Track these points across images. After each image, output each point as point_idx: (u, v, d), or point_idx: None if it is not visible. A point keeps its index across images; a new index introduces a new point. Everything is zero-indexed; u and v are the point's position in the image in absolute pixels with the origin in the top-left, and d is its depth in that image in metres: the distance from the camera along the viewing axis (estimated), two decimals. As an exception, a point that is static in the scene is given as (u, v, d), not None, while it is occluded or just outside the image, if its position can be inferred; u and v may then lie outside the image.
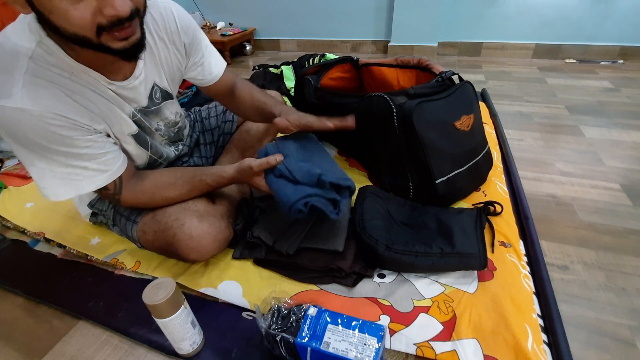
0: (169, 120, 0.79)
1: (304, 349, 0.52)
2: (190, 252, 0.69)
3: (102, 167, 0.61)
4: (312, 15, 2.59)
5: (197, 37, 0.75)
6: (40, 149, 0.55)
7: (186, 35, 0.72)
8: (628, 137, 1.26)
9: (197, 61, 0.77)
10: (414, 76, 1.13)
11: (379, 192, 0.89)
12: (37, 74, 0.52)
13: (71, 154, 0.57)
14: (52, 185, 0.59)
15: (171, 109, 0.78)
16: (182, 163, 0.91)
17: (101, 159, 0.61)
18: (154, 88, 0.71)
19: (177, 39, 0.71)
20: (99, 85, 0.60)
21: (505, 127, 1.32)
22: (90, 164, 0.60)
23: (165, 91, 0.74)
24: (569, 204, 0.94)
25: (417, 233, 0.76)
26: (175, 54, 0.72)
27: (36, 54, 0.52)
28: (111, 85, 0.61)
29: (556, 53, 2.19)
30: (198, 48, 0.76)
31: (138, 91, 0.67)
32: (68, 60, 0.54)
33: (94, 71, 0.58)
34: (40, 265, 0.85)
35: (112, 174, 0.63)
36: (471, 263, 0.69)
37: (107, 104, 0.62)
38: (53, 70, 0.53)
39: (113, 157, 0.63)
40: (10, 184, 1.15)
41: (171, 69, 0.73)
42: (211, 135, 1.01)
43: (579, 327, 0.64)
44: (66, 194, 0.60)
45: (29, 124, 0.51)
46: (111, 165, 0.62)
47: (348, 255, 0.73)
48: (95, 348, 0.66)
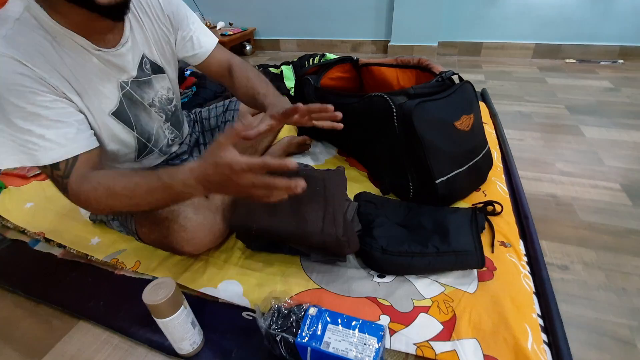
0: (162, 95, 0.78)
1: (304, 349, 0.52)
2: (184, 245, 0.69)
3: (61, 140, 0.56)
4: (312, 15, 2.59)
5: (182, 11, 0.76)
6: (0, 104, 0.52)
7: (169, 7, 0.73)
8: (628, 137, 1.26)
9: (184, 36, 0.77)
10: (414, 76, 1.13)
11: (373, 197, 0.89)
12: (20, 32, 0.53)
13: (29, 114, 0.53)
14: (10, 151, 0.55)
15: (162, 84, 0.77)
16: (182, 161, 0.90)
17: (61, 129, 0.56)
18: (144, 59, 0.71)
19: (161, 13, 0.72)
20: (83, 53, 0.59)
21: (505, 127, 1.32)
22: (48, 132, 0.55)
23: (155, 64, 0.74)
24: (569, 204, 0.94)
25: (413, 233, 0.76)
26: (161, 27, 0.73)
27: (23, 17, 0.53)
28: (98, 51, 0.61)
29: (556, 53, 2.19)
30: (185, 23, 0.77)
31: (126, 59, 0.66)
32: (53, 25, 0.55)
33: (79, 36, 0.58)
34: (40, 265, 0.85)
35: (69, 150, 0.57)
36: (468, 261, 0.69)
37: (86, 74, 0.61)
38: (37, 32, 0.54)
39: (75, 133, 0.58)
40: (10, 184, 1.15)
41: (159, 43, 0.73)
42: (211, 136, 1.01)
43: (579, 327, 0.64)
44: (20, 161, 0.56)
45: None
46: (71, 141, 0.57)
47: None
48: (95, 348, 0.66)
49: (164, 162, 0.87)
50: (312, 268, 0.76)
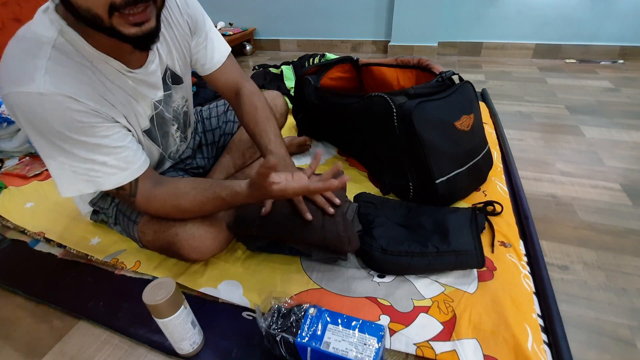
0: (178, 105, 0.78)
1: (304, 349, 0.52)
2: (192, 252, 0.69)
3: (122, 164, 0.59)
4: (312, 15, 2.59)
5: (200, 16, 0.75)
6: (60, 140, 0.54)
7: (187, 12, 0.71)
8: (628, 137, 1.26)
9: (200, 42, 0.76)
10: (414, 76, 1.13)
11: (373, 197, 0.89)
12: (59, 62, 0.52)
13: (90, 145, 0.56)
14: (71, 181, 0.58)
15: (180, 94, 0.78)
16: (186, 165, 0.91)
17: (121, 154, 0.59)
18: (167, 72, 0.71)
19: (180, 18, 0.70)
20: (119, 76, 0.60)
21: (505, 127, 1.32)
22: (109, 159, 0.58)
23: (176, 74, 0.74)
24: (569, 204, 0.94)
25: (413, 233, 0.76)
26: (181, 32, 0.71)
27: (59, 43, 0.52)
28: (131, 73, 0.61)
29: (556, 53, 2.19)
30: (202, 27, 0.75)
31: (156, 75, 0.67)
32: (89, 49, 0.54)
33: (114, 60, 0.58)
34: (40, 265, 0.85)
35: (131, 172, 0.61)
36: (468, 261, 0.69)
37: (126, 96, 0.62)
38: (75, 59, 0.53)
39: (133, 154, 0.61)
40: (10, 184, 1.15)
41: (180, 51, 0.73)
42: (212, 136, 1.01)
43: (579, 327, 0.64)
44: (81, 189, 0.59)
45: (49, 109, 0.51)
46: (131, 163, 0.61)
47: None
48: (95, 348, 0.66)
49: (171, 167, 0.88)
50: (312, 268, 0.76)
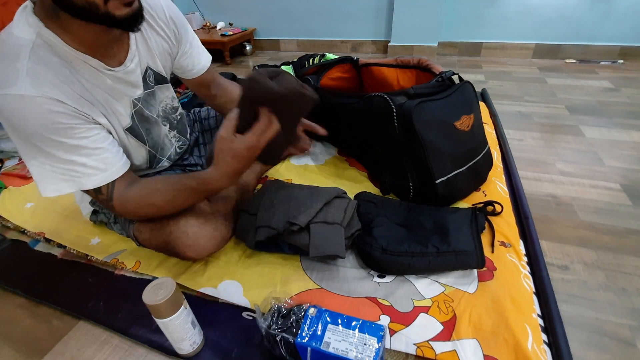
0: (166, 105, 0.79)
1: (304, 349, 0.52)
2: (187, 250, 0.70)
3: (101, 165, 0.60)
4: (312, 15, 2.59)
5: (185, 27, 0.78)
6: (40, 142, 0.54)
7: (174, 23, 0.75)
8: (628, 137, 1.26)
9: (186, 51, 0.79)
10: (414, 76, 1.13)
11: (373, 197, 0.89)
12: (39, 63, 0.52)
13: (69, 146, 0.56)
14: (51, 180, 0.58)
15: (166, 94, 0.79)
16: (183, 160, 0.91)
17: (100, 155, 0.60)
18: (148, 71, 0.72)
19: (166, 27, 0.73)
20: (97, 75, 0.61)
21: (505, 127, 1.32)
22: (89, 160, 0.59)
23: (160, 74, 0.75)
24: (569, 204, 0.94)
25: (413, 233, 0.76)
26: (166, 40, 0.74)
27: (37, 45, 0.53)
28: (110, 71, 0.62)
29: (556, 53, 2.19)
30: (186, 38, 0.79)
31: (135, 74, 0.68)
32: (67, 49, 0.55)
33: (93, 59, 0.58)
34: (40, 265, 0.85)
35: (110, 174, 0.62)
36: (468, 261, 0.69)
37: (105, 95, 0.63)
38: (53, 60, 0.54)
39: (113, 156, 0.62)
40: (10, 184, 1.15)
41: (163, 54, 0.75)
42: (210, 136, 1.01)
43: (579, 327, 0.64)
44: (61, 189, 0.60)
45: (29, 111, 0.51)
46: (110, 165, 0.62)
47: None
48: (95, 348, 0.66)
49: (170, 167, 0.88)
50: (312, 268, 0.76)
